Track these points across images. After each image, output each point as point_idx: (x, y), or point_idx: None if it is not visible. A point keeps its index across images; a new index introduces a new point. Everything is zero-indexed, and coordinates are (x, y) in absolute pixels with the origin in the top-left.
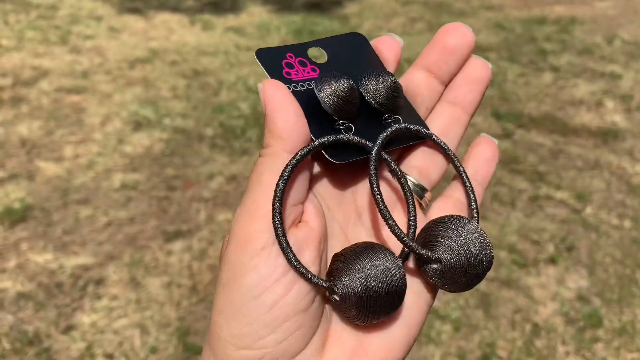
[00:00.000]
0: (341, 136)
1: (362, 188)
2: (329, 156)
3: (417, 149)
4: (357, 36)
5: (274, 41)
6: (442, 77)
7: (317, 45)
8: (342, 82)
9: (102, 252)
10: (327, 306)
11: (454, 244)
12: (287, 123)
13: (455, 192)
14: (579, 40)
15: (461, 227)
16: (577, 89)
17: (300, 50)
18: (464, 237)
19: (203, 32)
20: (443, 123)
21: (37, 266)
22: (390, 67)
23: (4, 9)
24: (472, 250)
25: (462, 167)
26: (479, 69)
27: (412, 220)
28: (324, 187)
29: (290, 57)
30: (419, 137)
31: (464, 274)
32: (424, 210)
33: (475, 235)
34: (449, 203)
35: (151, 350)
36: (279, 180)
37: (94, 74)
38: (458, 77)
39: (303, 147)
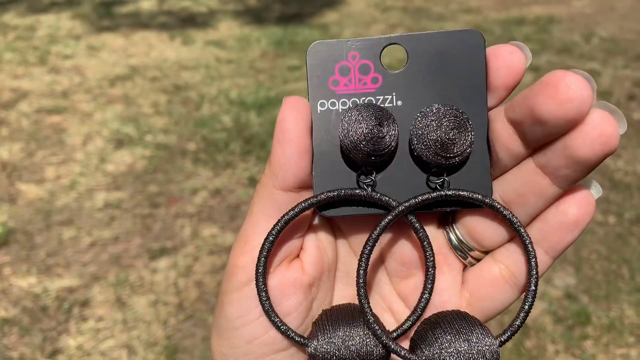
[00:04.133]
0: (357, 191)
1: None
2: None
3: (475, 212)
4: (473, 36)
5: (254, 53)
6: (530, 144)
7: (403, 42)
8: (361, 128)
9: (87, 273)
10: None
11: (435, 350)
12: (284, 159)
13: (508, 257)
14: (557, 40)
15: (467, 334)
16: None
17: (372, 48)
18: (468, 352)
19: (183, 46)
20: (520, 189)
21: (21, 290)
22: (497, 94)
23: None
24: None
25: (527, 235)
26: (596, 143)
27: (425, 295)
28: (349, 225)
29: (354, 57)
30: (473, 205)
31: None
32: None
33: (482, 345)
34: (495, 270)
35: None
36: (267, 235)
37: (74, 93)
38: (559, 146)
39: (303, 201)
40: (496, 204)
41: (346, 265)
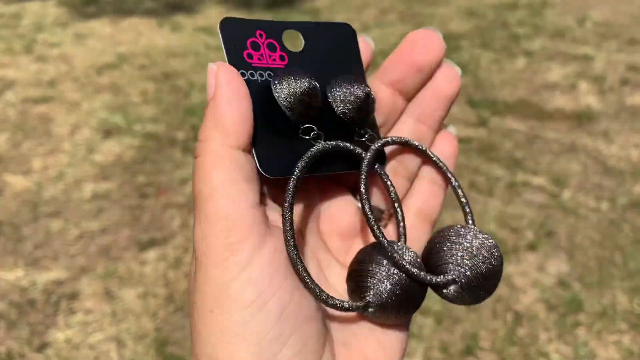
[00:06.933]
0: (343, 144)
1: (327, 206)
2: (262, 169)
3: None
4: (345, 28)
5: None
6: (408, 94)
7: (297, 28)
8: (304, 83)
9: (75, 265)
10: (328, 326)
11: (464, 260)
12: (238, 117)
13: (412, 201)
14: (550, 24)
15: (462, 237)
16: (551, 72)
17: (274, 29)
18: (469, 248)
19: (172, 33)
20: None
21: (8, 284)
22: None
23: None
24: (482, 257)
25: (453, 177)
26: (449, 83)
27: (402, 228)
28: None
29: (260, 35)
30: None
31: (484, 285)
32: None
33: (478, 240)
34: (425, 184)
35: None
36: (284, 207)
37: (61, 82)
38: (426, 92)
39: (300, 160)
40: (428, 151)
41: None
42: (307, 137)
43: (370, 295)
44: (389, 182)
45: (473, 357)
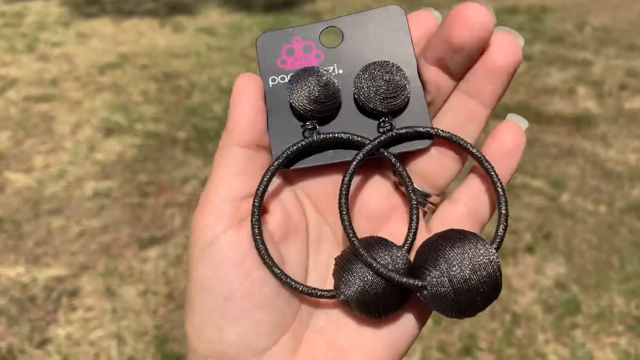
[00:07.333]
0: (330, 135)
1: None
2: (278, 162)
3: (422, 154)
4: (392, 11)
5: (245, 41)
6: (454, 73)
7: (337, 24)
8: (312, 83)
9: (76, 262)
10: (304, 311)
11: (438, 270)
12: (240, 116)
13: (464, 195)
14: (550, 29)
15: (452, 247)
16: (550, 77)
17: (311, 32)
18: (453, 260)
19: (173, 34)
20: (455, 120)
21: (9, 280)
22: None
23: None
24: (461, 275)
25: (491, 166)
26: (502, 52)
27: (411, 232)
28: (315, 187)
29: (297, 41)
30: (424, 138)
31: (454, 302)
32: (430, 213)
33: (468, 255)
34: (455, 210)
35: None
36: (255, 197)
37: (63, 81)
38: (477, 65)
39: (279, 156)
40: (445, 132)
41: (317, 229)
42: (306, 129)
43: (343, 288)
44: (401, 169)
45: (471, 357)
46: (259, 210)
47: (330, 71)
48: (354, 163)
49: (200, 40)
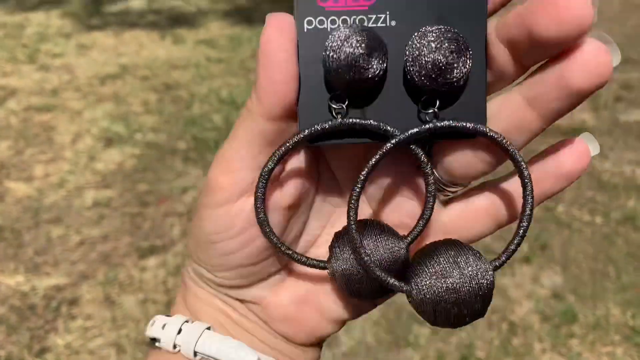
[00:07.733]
0: (351, 120)
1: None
2: (301, 136)
3: (456, 146)
4: None
5: (245, 52)
6: (525, 62)
7: None
8: (352, 56)
9: (75, 271)
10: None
11: (427, 277)
12: (269, 86)
13: (494, 189)
14: None
15: (443, 259)
16: None
17: None
18: (445, 270)
19: (174, 45)
20: (504, 124)
21: (9, 289)
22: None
23: None
24: (452, 286)
25: (531, 188)
26: (586, 72)
27: (422, 222)
28: (339, 161)
29: None
30: (470, 136)
31: (434, 313)
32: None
33: (461, 267)
34: (479, 201)
35: None
36: (261, 173)
37: (64, 91)
38: (550, 73)
39: (295, 135)
40: (494, 134)
41: (323, 196)
42: (334, 107)
43: (332, 262)
44: (424, 158)
45: None
46: (265, 185)
47: (381, 21)
48: (379, 155)
49: (200, 52)
